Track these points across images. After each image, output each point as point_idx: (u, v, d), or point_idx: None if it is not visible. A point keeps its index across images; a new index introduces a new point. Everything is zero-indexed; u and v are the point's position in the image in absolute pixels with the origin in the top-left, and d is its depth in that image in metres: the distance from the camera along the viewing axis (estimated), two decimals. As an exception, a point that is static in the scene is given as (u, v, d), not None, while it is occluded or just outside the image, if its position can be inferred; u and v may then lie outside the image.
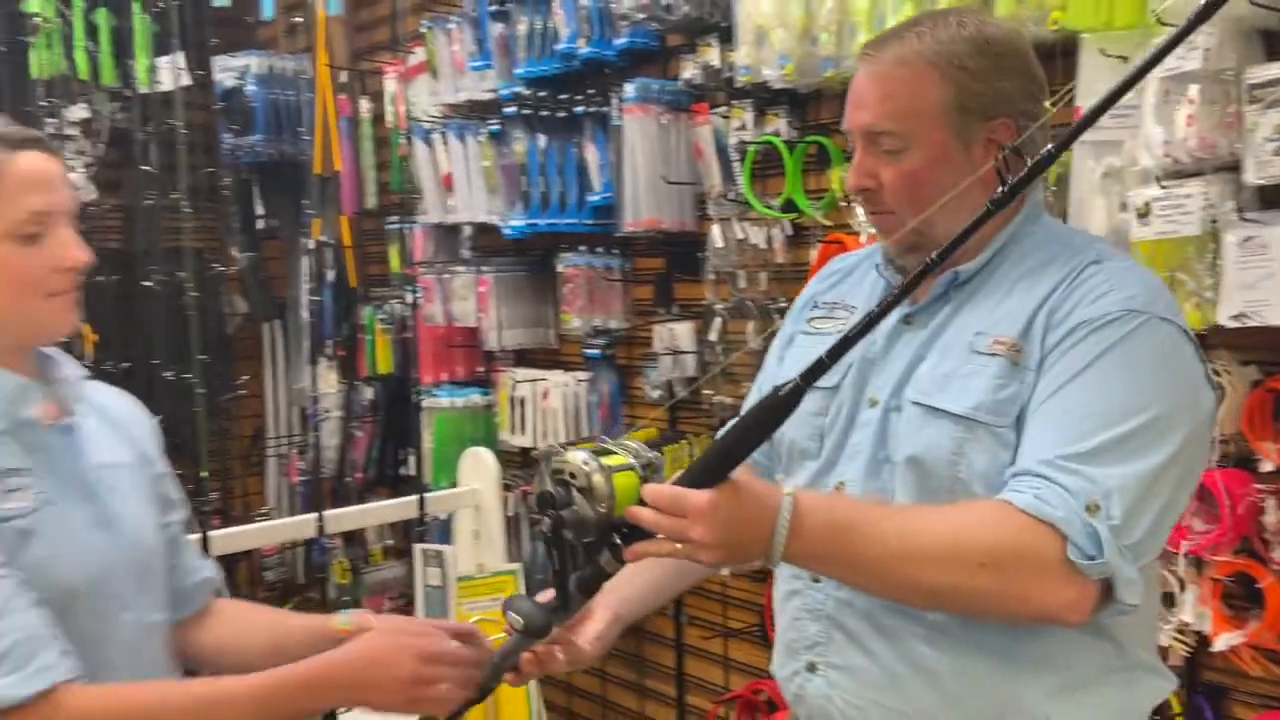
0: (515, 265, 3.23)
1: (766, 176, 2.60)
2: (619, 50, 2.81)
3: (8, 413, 1.22)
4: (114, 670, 1.23)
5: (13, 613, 1.14)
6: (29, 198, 1.18)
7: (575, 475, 1.19)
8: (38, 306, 1.21)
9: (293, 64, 3.90)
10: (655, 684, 3.13)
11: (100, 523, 1.26)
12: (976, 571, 1.08)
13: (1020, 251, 1.27)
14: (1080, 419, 1.12)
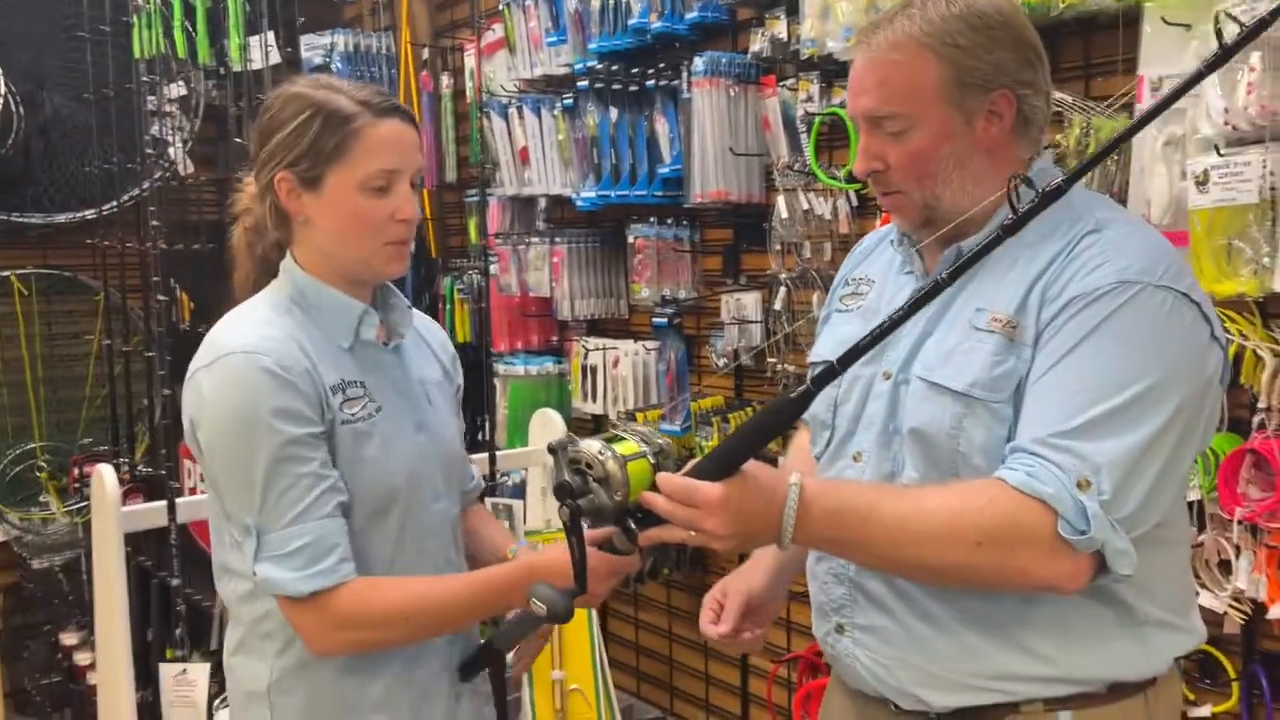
0: (587, 236, 3.31)
1: (833, 148, 2.64)
2: (690, 24, 2.86)
3: (352, 332, 1.45)
4: (427, 547, 1.49)
5: (309, 518, 1.35)
6: (383, 157, 1.38)
7: (591, 465, 1.26)
8: (377, 249, 1.42)
9: (376, 41, 4.03)
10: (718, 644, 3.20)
11: (420, 427, 1.50)
12: (974, 550, 1.15)
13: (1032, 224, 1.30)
14: (1073, 395, 1.16)
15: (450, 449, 1.57)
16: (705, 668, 3.25)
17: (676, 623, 3.35)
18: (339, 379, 1.42)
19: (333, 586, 1.35)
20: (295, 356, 1.38)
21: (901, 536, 1.17)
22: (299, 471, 1.35)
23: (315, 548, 1.35)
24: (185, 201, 3.90)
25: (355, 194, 1.38)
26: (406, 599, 1.40)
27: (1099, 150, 1.08)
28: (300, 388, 1.36)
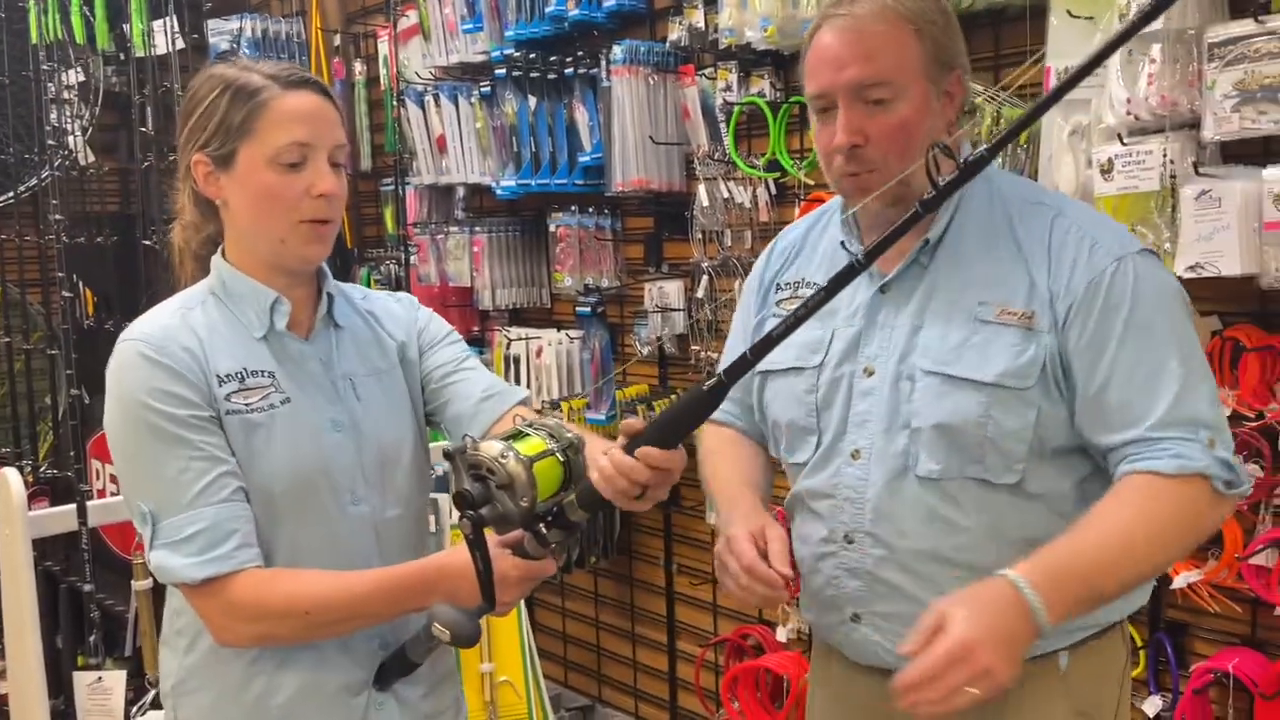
0: (508, 225, 3.29)
1: (751, 137, 2.66)
2: (607, 12, 2.86)
3: (265, 321, 1.38)
4: (339, 552, 1.38)
5: (204, 503, 1.30)
6: (292, 129, 1.33)
7: (493, 470, 1.17)
8: (293, 227, 1.35)
9: (286, 27, 3.94)
10: (646, 630, 3.23)
11: (338, 425, 1.40)
12: (1182, 538, 1.25)
13: (975, 207, 1.35)
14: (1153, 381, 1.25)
15: (383, 447, 1.44)
16: (633, 654, 3.28)
17: (604, 610, 3.36)
18: (240, 368, 1.35)
19: (228, 573, 1.29)
20: (178, 344, 1.34)
21: (1132, 569, 1.22)
22: (189, 454, 1.30)
23: (211, 533, 1.29)
24: (86, 192, 3.76)
25: (266, 169, 1.33)
26: (306, 592, 1.32)
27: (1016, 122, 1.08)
28: (178, 371, 1.31)
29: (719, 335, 2.75)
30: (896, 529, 1.34)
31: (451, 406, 1.49)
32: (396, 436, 1.46)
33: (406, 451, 1.46)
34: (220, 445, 1.32)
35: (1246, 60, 1.69)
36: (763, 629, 2.79)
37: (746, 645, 2.81)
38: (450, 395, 1.50)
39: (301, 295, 1.42)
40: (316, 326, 1.43)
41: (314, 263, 1.40)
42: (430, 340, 1.53)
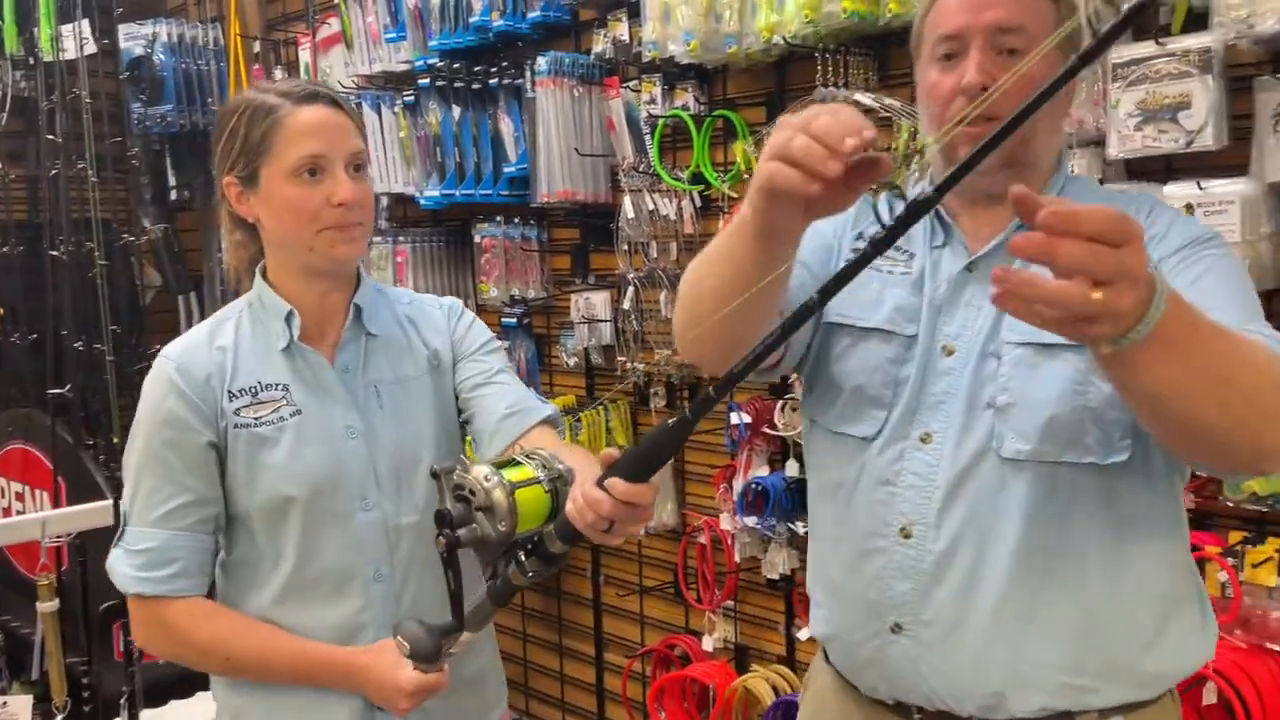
0: (432, 235, 3.26)
1: (676, 149, 2.68)
2: (532, 23, 2.86)
3: (286, 333, 1.45)
4: (347, 557, 1.45)
5: (164, 525, 1.41)
6: (305, 143, 1.39)
7: (475, 492, 1.19)
8: (314, 235, 1.41)
9: (203, 32, 3.86)
10: (573, 643, 3.22)
11: (354, 432, 1.46)
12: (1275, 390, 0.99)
13: (1075, 196, 1.28)
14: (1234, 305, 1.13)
15: (400, 454, 1.48)
16: (560, 667, 3.26)
17: (531, 624, 3.34)
18: (255, 382, 1.44)
19: (156, 595, 1.41)
20: (200, 363, 1.43)
21: (1231, 352, 0.98)
22: (167, 477, 1.41)
23: (156, 554, 1.41)
24: (-8, 201, 3.64)
25: (286, 184, 1.39)
26: (231, 642, 1.44)
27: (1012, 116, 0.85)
28: (191, 397, 1.41)
29: (646, 346, 2.76)
30: (967, 520, 1.21)
31: (477, 420, 1.54)
32: (415, 443, 1.50)
33: (426, 458, 1.50)
34: (203, 475, 1.42)
35: (1148, 81, 1.76)
36: (689, 639, 2.80)
37: (673, 655, 2.82)
38: (476, 409, 1.54)
39: (335, 303, 1.48)
40: (345, 335, 1.49)
41: (347, 262, 1.46)
42: (466, 349, 1.58)
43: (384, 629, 1.45)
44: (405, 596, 1.49)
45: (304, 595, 1.45)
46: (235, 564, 1.49)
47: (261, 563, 1.46)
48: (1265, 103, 1.73)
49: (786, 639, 2.63)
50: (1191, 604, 1.27)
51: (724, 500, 2.59)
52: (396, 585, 1.48)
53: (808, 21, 2.16)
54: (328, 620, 1.45)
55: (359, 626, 1.46)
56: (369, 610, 1.47)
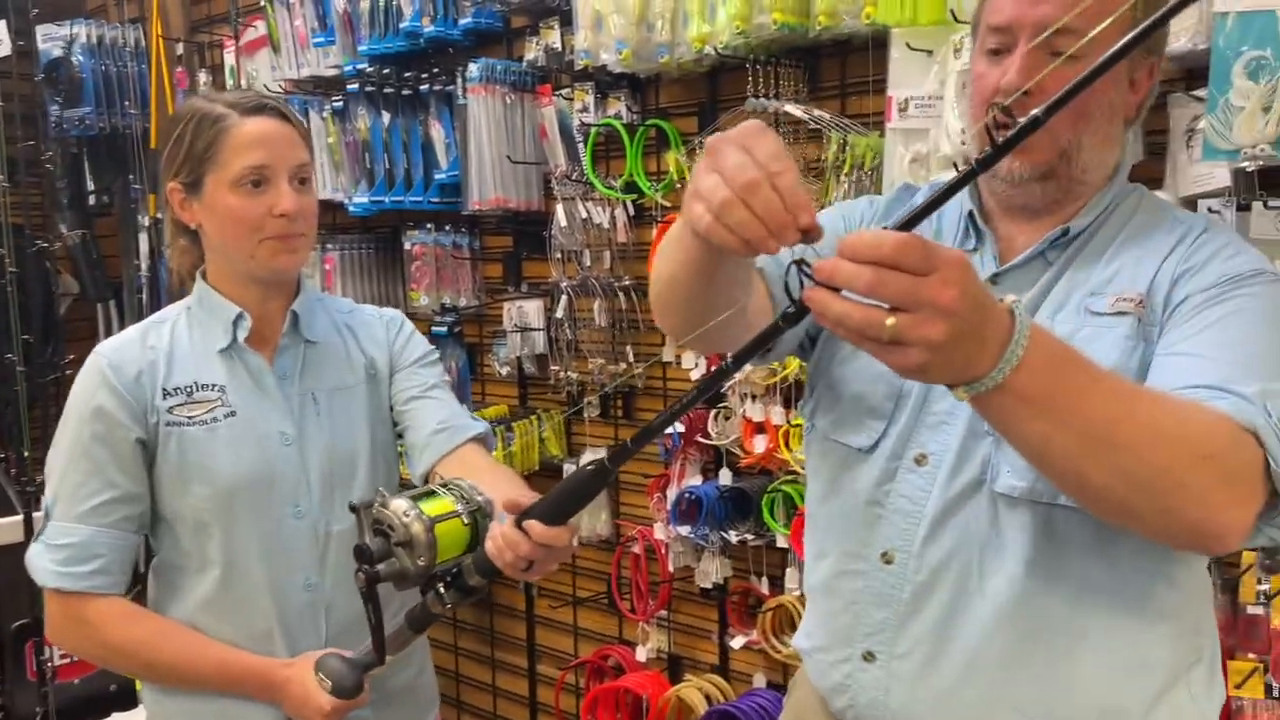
0: (361, 243, 3.21)
1: (609, 158, 2.68)
2: (463, 30, 2.83)
3: (228, 335, 1.46)
4: (277, 563, 1.45)
5: (88, 521, 1.41)
6: (249, 154, 1.40)
7: (394, 527, 1.21)
8: (255, 245, 1.42)
9: (124, 33, 3.76)
10: (506, 655, 3.19)
11: (289, 438, 1.47)
12: (1197, 462, 0.93)
13: (1123, 212, 1.20)
14: (1246, 356, 1.03)
15: (334, 462, 1.50)
16: (493, 680, 3.23)
17: (462, 637, 3.30)
18: (191, 381, 1.44)
19: (75, 591, 1.40)
20: (133, 361, 1.43)
21: (1124, 416, 0.92)
22: (94, 472, 1.41)
23: (79, 550, 1.40)
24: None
25: (229, 193, 1.41)
26: (154, 646, 1.43)
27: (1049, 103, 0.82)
28: (122, 393, 1.41)
29: (579, 355, 2.75)
30: (951, 553, 1.14)
31: (409, 433, 1.56)
32: (350, 452, 1.52)
33: (362, 467, 1.52)
34: (130, 472, 1.42)
35: (1069, 96, 1.80)
36: (623, 649, 2.79)
37: (606, 666, 2.81)
38: (409, 422, 1.56)
39: (274, 310, 1.49)
40: (282, 342, 1.50)
41: (286, 273, 1.48)
42: (404, 361, 1.59)
43: (310, 639, 1.46)
44: (333, 607, 1.48)
45: (229, 602, 1.45)
46: (162, 567, 1.51)
47: (188, 566, 1.46)
48: (1179, 119, 1.78)
49: (720, 648, 2.64)
50: (1195, 669, 1.16)
51: (658, 510, 2.59)
52: (325, 594, 1.48)
53: (739, 32, 2.17)
54: (253, 628, 1.45)
55: (284, 636, 1.45)
56: (295, 621, 1.46)
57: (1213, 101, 1.61)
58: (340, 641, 1.46)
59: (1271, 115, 1.54)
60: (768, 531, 2.35)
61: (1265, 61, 1.54)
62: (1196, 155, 1.71)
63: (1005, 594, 1.12)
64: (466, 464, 1.50)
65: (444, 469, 1.49)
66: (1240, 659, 1.81)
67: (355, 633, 1.46)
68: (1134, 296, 1.11)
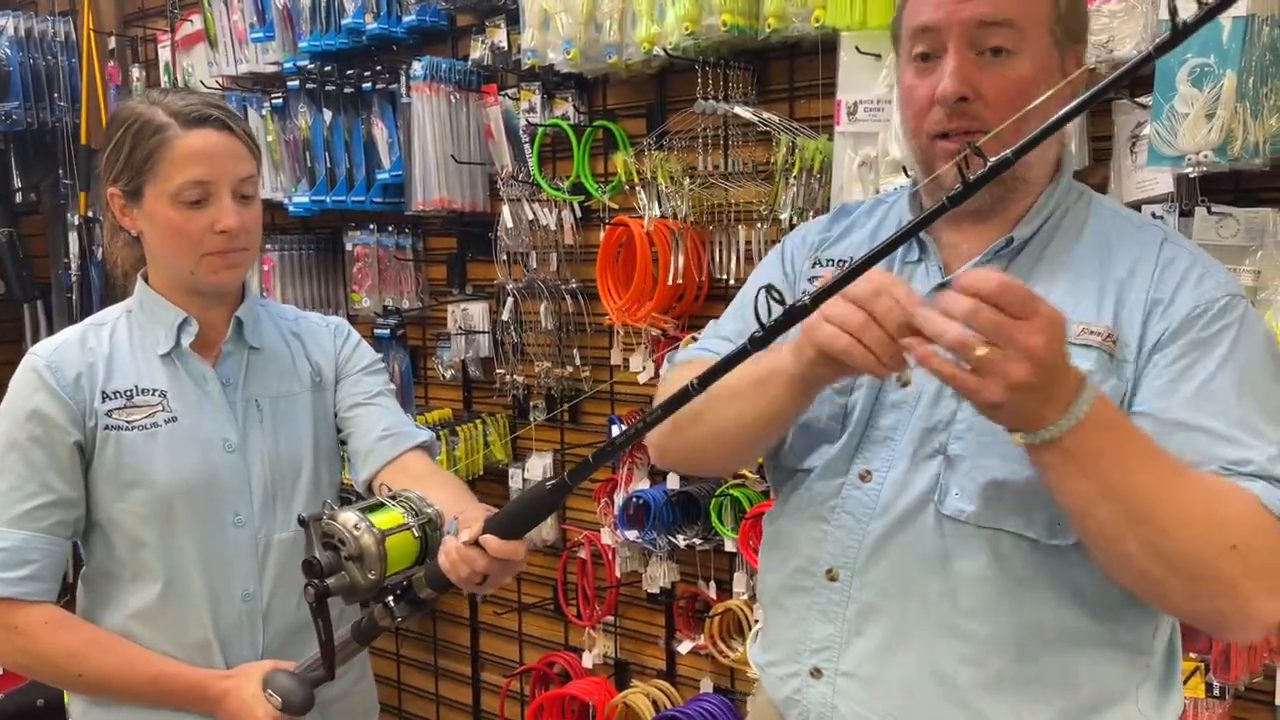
0: (301, 243, 3.14)
1: (556, 159, 2.65)
2: (407, 28, 2.79)
3: (170, 339, 1.43)
4: (214, 572, 1.42)
5: (19, 526, 1.36)
6: (190, 168, 1.36)
7: (345, 541, 1.19)
8: (196, 261, 1.40)
9: (54, 26, 3.64)
10: (449, 663, 3.14)
11: (230, 446, 1.44)
12: (1224, 552, 0.95)
13: (1074, 221, 1.17)
14: (1250, 415, 1.03)
15: (277, 470, 1.47)
16: (436, 688, 3.17)
17: (405, 644, 3.24)
18: (130, 386, 1.41)
19: (8, 597, 1.36)
20: (72, 363, 1.40)
21: (1165, 496, 0.96)
22: (27, 475, 1.37)
23: (11, 554, 1.36)
24: None
25: (169, 207, 1.37)
26: (88, 656, 1.38)
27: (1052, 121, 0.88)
28: (59, 394, 1.38)
29: (525, 358, 2.71)
30: (895, 573, 1.13)
31: (353, 440, 1.54)
32: (294, 460, 1.50)
33: (305, 475, 1.50)
34: (66, 476, 1.38)
35: (1015, 101, 1.81)
36: (569, 655, 2.76)
37: (552, 673, 2.77)
38: (353, 428, 1.54)
39: (217, 317, 1.47)
40: (226, 348, 1.47)
41: (225, 287, 1.45)
42: (350, 369, 1.58)
43: (245, 649, 1.43)
44: (270, 617, 1.45)
45: (165, 611, 1.41)
46: (94, 575, 1.45)
47: (122, 575, 1.42)
48: (1123, 125, 1.80)
49: (667, 653, 2.62)
50: (1143, 687, 1.15)
51: (605, 514, 2.56)
52: (262, 604, 1.45)
53: (688, 34, 2.16)
54: (188, 638, 1.41)
55: (220, 646, 1.42)
56: (232, 630, 1.43)
57: (1157, 108, 1.63)
58: (278, 653, 1.43)
59: (1215, 122, 1.56)
60: (715, 536, 2.34)
61: (1209, 69, 1.56)
62: (1141, 161, 1.73)
63: (948, 617, 1.11)
64: (410, 472, 1.48)
65: (388, 476, 1.47)
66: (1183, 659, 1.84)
67: (293, 643, 1.45)
68: (1101, 330, 1.09)
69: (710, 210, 2.34)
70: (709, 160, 2.34)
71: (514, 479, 2.79)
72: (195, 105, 1.40)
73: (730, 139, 2.32)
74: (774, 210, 2.22)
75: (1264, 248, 1.67)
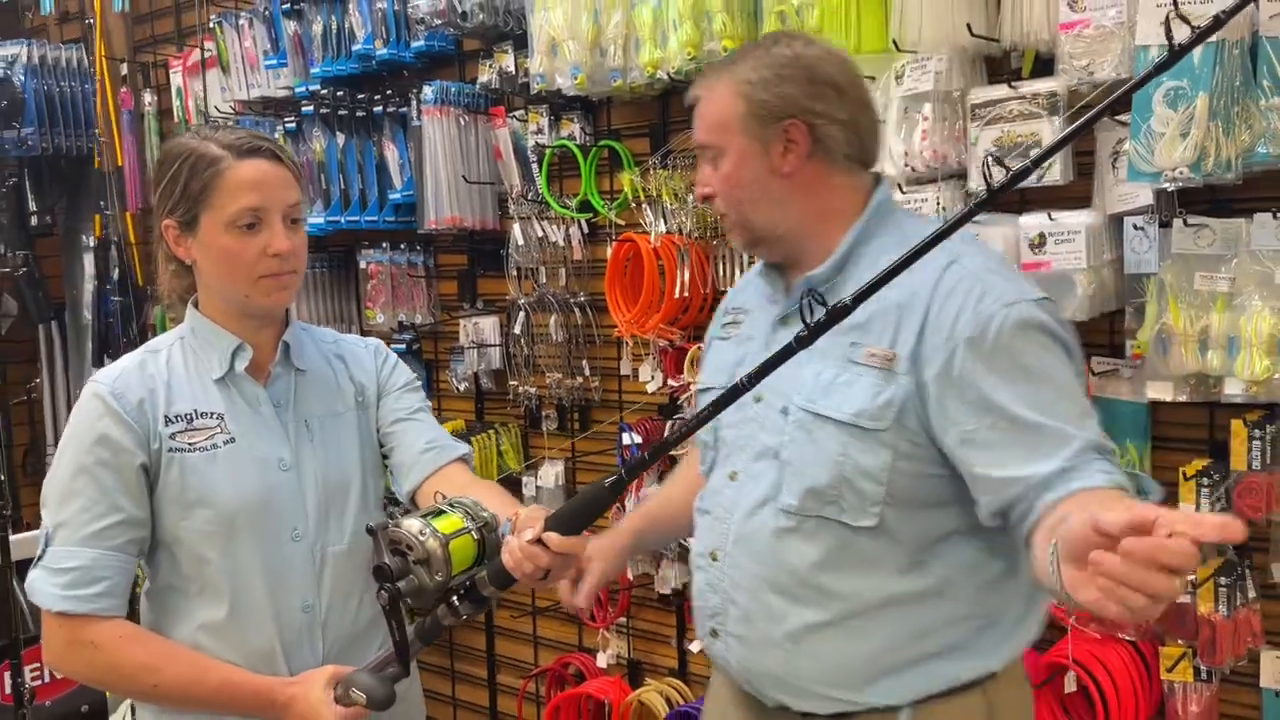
0: (316, 262, 3.24)
1: (563, 177, 2.75)
2: (416, 52, 2.89)
3: (224, 364, 1.50)
4: (277, 589, 1.48)
5: (92, 545, 1.42)
6: (245, 196, 1.44)
7: (412, 546, 1.28)
8: (251, 284, 1.47)
9: (68, 54, 3.74)
10: (466, 667, 3.23)
11: (285, 464, 1.51)
12: None
13: (873, 251, 1.38)
14: (1055, 419, 1.22)
15: (329, 487, 1.53)
16: (453, 691, 3.26)
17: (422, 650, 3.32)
18: (190, 409, 1.48)
19: (81, 613, 1.41)
20: (135, 389, 1.46)
21: None
22: (97, 496, 1.42)
23: (84, 572, 1.41)
24: None
25: (224, 234, 1.44)
26: (161, 667, 1.43)
27: (1045, 150, 1.11)
28: (125, 418, 1.44)
29: (536, 370, 2.81)
30: (750, 554, 1.40)
31: (396, 454, 1.61)
32: (344, 477, 1.56)
33: (355, 491, 1.56)
34: (134, 497, 1.44)
35: (1003, 120, 1.92)
36: (584, 656, 2.85)
37: (568, 674, 2.86)
38: (396, 442, 1.61)
39: (266, 339, 1.54)
40: (275, 370, 1.54)
41: (277, 309, 1.52)
42: (390, 387, 1.65)
43: (307, 657, 1.49)
44: (328, 626, 1.52)
45: (232, 624, 1.47)
46: (160, 592, 1.51)
47: (188, 589, 1.48)
48: (1104, 142, 1.91)
49: (679, 652, 2.71)
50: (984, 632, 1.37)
51: (616, 518, 2.65)
52: (320, 615, 1.52)
53: (690, 58, 2.26)
54: (253, 648, 1.47)
55: (284, 655, 1.48)
56: (293, 640, 1.49)
57: (1136, 128, 1.73)
58: (335, 660, 1.49)
59: (1189, 141, 1.67)
60: (725, 538, 2.43)
61: (1183, 91, 1.67)
62: (1122, 176, 1.83)
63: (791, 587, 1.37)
64: (454, 482, 1.55)
65: (432, 486, 1.55)
66: (1170, 644, 1.94)
67: (349, 650, 1.52)
68: (880, 353, 1.33)
69: (714, 225, 2.45)
70: (711, 178, 2.43)
71: (527, 486, 2.89)
72: (245, 138, 1.48)
73: (731, 157, 2.42)
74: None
75: (1239, 256, 1.77)
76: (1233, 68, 1.66)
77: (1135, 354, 1.93)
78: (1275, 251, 1.74)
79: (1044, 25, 1.87)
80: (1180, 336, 1.80)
